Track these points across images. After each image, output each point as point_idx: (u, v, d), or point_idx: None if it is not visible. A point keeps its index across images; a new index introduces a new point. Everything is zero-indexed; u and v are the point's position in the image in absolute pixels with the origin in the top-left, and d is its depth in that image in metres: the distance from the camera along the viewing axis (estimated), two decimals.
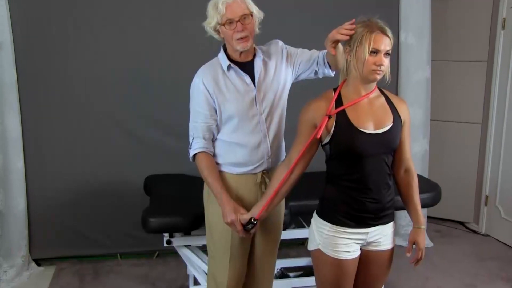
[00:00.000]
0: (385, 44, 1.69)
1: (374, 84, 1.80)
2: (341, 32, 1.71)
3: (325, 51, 2.06)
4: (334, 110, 1.75)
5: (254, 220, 1.90)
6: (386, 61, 1.71)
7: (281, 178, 1.85)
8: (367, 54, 1.67)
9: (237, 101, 1.96)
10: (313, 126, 1.78)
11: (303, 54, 2.10)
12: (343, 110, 1.76)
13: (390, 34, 1.71)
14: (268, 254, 2.20)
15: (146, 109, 3.42)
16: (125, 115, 3.41)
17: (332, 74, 2.14)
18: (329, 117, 1.74)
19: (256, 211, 1.89)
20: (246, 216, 1.91)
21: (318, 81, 2.23)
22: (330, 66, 2.08)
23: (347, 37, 1.71)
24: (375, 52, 1.68)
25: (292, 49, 2.11)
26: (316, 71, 2.11)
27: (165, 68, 3.40)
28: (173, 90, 3.38)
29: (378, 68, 1.70)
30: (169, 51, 3.39)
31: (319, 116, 1.76)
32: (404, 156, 1.89)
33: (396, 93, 3.71)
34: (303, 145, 1.80)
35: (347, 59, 1.76)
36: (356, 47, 1.68)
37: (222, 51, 2.01)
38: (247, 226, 1.90)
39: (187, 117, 2.03)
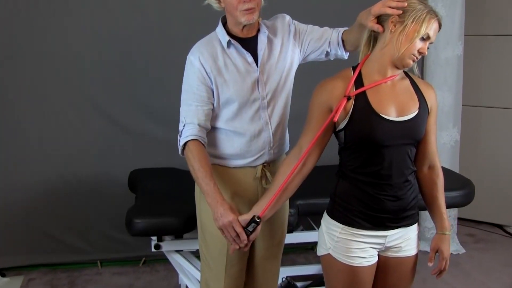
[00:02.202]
0: (435, 34, 1.73)
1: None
2: (391, 5, 1.71)
3: (341, 30, 2.08)
4: (353, 91, 1.77)
5: (258, 218, 1.83)
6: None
7: (289, 170, 1.83)
8: (419, 36, 1.70)
9: (237, 83, 1.96)
10: (327, 110, 1.79)
11: (314, 32, 2.10)
12: (363, 92, 1.77)
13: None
14: (270, 260, 2.22)
15: (130, 92, 3.44)
16: (105, 99, 3.44)
17: (346, 56, 2.14)
18: (348, 98, 1.76)
19: (258, 210, 1.86)
20: (246, 216, 1.85)
21: (328, 61, 2.24)
22: (344, 46, 2.09)
23: (399, 12, 1.71)
24: (425, 38, 1.71)
25: (301, 26, 2.11)
26: (327, 52, 2.11)
27: (153, 45, 3.42)
28: (161, 71, 3.40)
29: (418, 56, 1.74)
30: (159, 26, 3.40)
31: (335, 98, 1.77)
32: (429, 150, 1.90)
33: (422, 73, 3.72)
34: (316, 131, 1.80)
35: (382, 32, 1.75)
36: (411, 23, 1.70)
37: (220, 24, 2.01)
38: (248, 227, 1.83)
39: (178, 102, 2.02)
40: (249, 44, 1.99)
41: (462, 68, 3.77)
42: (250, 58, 1.98)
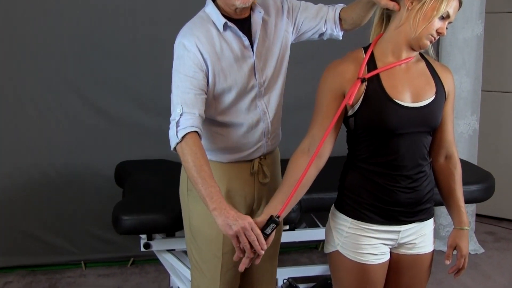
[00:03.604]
0: (455, 12, 1.74)
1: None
2: None
3: (337, 7, 2.08)
4: (367, 74, 1.77)
5: (277, 217, 1.73)
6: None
7: (304, 163, 1.78)
8: (438, 15, 1.70)
9: (234, 70, 1.94)
10: (340, 95, 1.79)
11: (308, 9, 2.09)
12: (376, 76, 1.77)
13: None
14: (266, 261, 2.20)
15: (116, 77, 3.44)
16: (89, 85, 3.43)
17: (340, 36, 2.15)
18: (363, 80, 1.76)
19: (272, 210, 1.76)
20: (261, 218, 1.75)
21: (333, 43, 2.25)
22: (341, 25, 2.09)
23: None
24: (444, 17, 1.72)
25: (294, 2, 2.10)
26: (322, 32, 2.11)
27: (140, 26, 3.41)
28: (150, 54, 3.40)
29: (436, 37, 1.74)
30: (146, 5, 3.39)
31: (348, 81, 1.77)
32: (445, 138, 1.91)
33: (437, 55, 3.72)
34: (329, 118, 1.79)
35: (399, 10, 1.76)
36: (430, 0, 1.69)
37: (211, 4, 1.96)
38: (266, 230, 1.74)
39: (169, 91, 1.93)
40: (243, 26, 1.96)
41: (482, 50, 3.77)
42: (247, 42, 1.95)
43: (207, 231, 2.03)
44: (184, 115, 1.82)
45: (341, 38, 2.16)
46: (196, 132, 1.81)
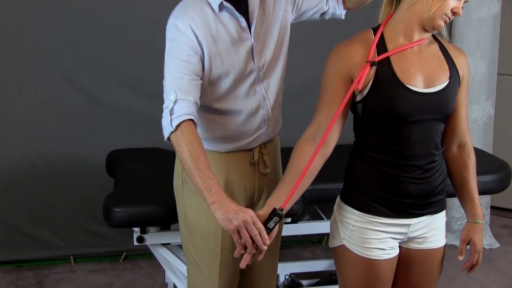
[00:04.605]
0: None
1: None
2: None
3: None
4: (376, 57, 1.77)
5: (280, 210, 1.73)
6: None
7: (310, 151, 1.77)
8: None
9: (231, 53, 1.93)
10: (348, 79, 1.79)
11: None
12: (387, 59, 1.77)
13: None
14: (267, 256, 2.19)
15: (106, 60, 3.43)
16: (77, 68, 3.42)
17: (343, 15, 2.15)
18: (372, 63, 1.75)
19: (275, 202, 1.76)
20: (263, 211, 1.75)
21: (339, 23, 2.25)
22: (344, 3, 2.10)
23: None
24: None
25: None
26: (324, 11, 2.12)
27: (128, 4, 3.40)
28: (143, 35, 3.39)
29: (451, 17, 1.74)
30: None
31: (356, 64, 1.77)
32: (458, 126, 1.91)
33: (451, 36, 3.70)
34: (336, 104, 1.79)
35: None
36: None
37: None
38: (268, 224, 1.73)
39: (163, 74, 1.91)
40: (240, 6, 1.95)
41: (498, 30, 3.77)
42: (244, 23, 1.94)
43: (204, 226, 2.03)
44: (178, 102, 1.80)
45: (343, 18, 2.15)
46: (192, 120, 1.80)
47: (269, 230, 1.73)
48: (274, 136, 2.16)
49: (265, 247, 1.71)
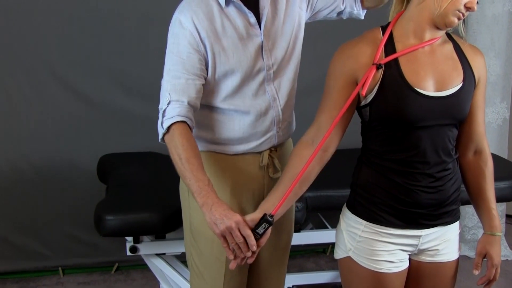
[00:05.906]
0: None
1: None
2: None
3: None
4: (384, 58, 1.76)
5: (270, 216, 1.76)
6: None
7: (307, 155, 1.79)
8: None
9: (238, 50, 1.94)
10: (352, 81, 1.79)
11: None
12: (395, 60, 1.77)
13: None
14: (275, 267, 2.23)
15: (98, 58, 3.44)
16: (67, 67, 3.43)
17: (362, 15, 2.16)
18: (379, 66, 1.75)
19: (268, 206, 1.79)
20: (253, 216, 1.78)
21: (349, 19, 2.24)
22: (362, 2, 2.11)
23: None
24: None
25: None
26: (341, 10, 2.13)
27: (125, 5, 3.39)
28: (139, 31, 3.39)
29: (465, 13, 1.72)
30: None
31: (362, 66, 1.77)
32: (475, 131, 1.90)
33: (463, 33, 3.71)
34: (338, 107, 1.79)
35: None
36: None
37: None
38: (257, 230, 1.77)
39: (159, 71, 1.97)
40: (249, 1, 1.97)
41: None
42: (253, 19, 1.96)
43: (209, 231, 2.03)
44: (172, 103, 1.86)
45: (362, 18, 2.16)
46: (185, 121, 1.84)
47: (259, 236, 1.77)
48: (286, 139, 2.16)
49: (249, 254, 1.77)
